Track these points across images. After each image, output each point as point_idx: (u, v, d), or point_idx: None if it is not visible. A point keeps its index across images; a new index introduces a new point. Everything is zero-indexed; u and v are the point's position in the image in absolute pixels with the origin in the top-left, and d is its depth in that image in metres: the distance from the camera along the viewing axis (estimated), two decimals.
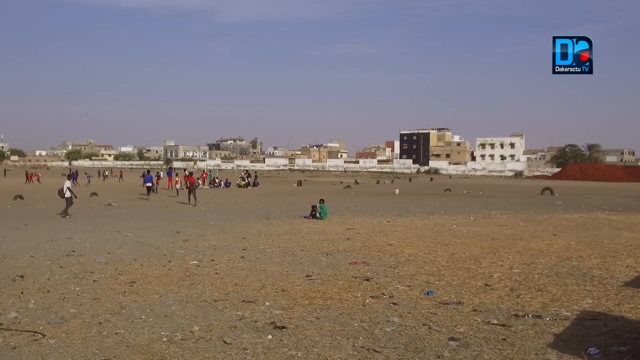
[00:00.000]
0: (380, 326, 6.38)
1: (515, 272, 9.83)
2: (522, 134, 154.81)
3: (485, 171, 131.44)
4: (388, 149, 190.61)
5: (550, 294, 8.07)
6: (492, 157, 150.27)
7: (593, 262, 10.98)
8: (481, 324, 6.48)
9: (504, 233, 16.01)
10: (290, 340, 5.85)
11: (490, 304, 7.46)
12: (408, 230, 16.45)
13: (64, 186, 21.06)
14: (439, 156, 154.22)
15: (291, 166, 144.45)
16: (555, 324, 6.51)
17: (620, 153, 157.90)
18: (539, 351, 5.52)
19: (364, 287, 8.52)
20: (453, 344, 5.74)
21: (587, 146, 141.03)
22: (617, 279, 9.21)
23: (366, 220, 19.94)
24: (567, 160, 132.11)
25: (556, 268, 10.24)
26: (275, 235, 15.09)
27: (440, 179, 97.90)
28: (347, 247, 12.82)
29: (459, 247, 12.94)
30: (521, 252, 12.24)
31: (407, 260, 11.01)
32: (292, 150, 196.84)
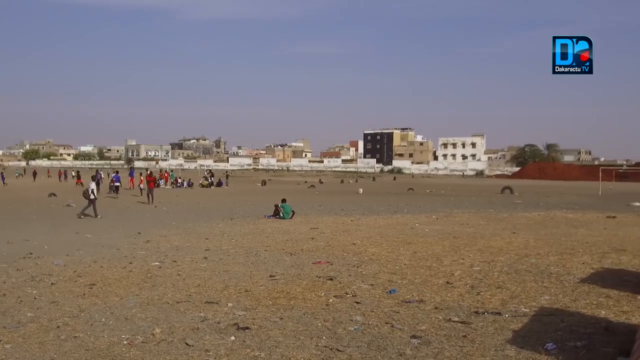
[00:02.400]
0: (343, 325, 6.41)
1: (476, 269, 10.01)
2: (483, 134, 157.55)
3: (447, 170, 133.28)
4: (352, 148, 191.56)
5: (509, 291, 8.24)
6: (454, 156, 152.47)
7: (551, 259, 11.25)
8: (442, 322, 6.57)
9: (465, 231, 16.27)
10: (254, 341, 5.83)
11: (452, 302, 7.58)
12: (371, 230, 16.57)
13: (89, 187, 21.02)
14: (402, 156, 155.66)
15: (255, 166, 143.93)
16: (514, 320, 6.65)
17: (578, 152, 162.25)
18: (498, 347, 5.63)
19: (328, 286, 8.55)
20: (415, 341, 5.81)
21: (546, 146, 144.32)
22: (574, 276, 9.45)
23: (330, 219, 20.01)
24: (527, 160, 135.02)
25: (515, 265, 10.46)
26: (239, 236, 15.00)
27: (404, 178, 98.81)
28: (311, 247, 12.84)
29: (421, 245, 13.10)
30: (482, 250, 12.46)
31: (370, 259, 11.09)
32: (256, 150, 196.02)
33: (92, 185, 21.24)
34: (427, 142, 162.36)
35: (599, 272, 9.84)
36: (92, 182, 21.69)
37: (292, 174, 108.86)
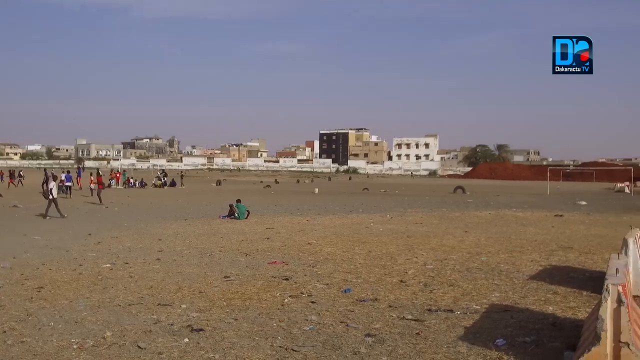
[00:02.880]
0: (298, 325, 6.42)
1: (429, 268, 10.17)
2: (436, 135, 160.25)
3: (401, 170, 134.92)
4: (308, 148, 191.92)
5: (461, 289, 8.41)
6: (407, 156, 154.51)
7: (501, 257, 11.54)
8: (396, 320, 6.65)
9: (419, 230, 16.51)
10: (208, 343, 5.77)
11: (405, 300, 7.68)
12: (327, 229, 16.64)
13: (49, 187, 20.45)
14: (358, 156, 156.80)
15: (210, 165, 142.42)
16: (465, 317, 6.79)
17: (527, 153, 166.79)
18: (450, 344, 5.74)
19: (283, 286, 8.54)
20: (369, 340, 5.87)
21: (497, 146, 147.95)
22: (523, 273, 9.72)
23: (286, 219, 19.99)
24: (478, 160, 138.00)
25: (467, 263, 10.68)
26: (193, 236, 14.82)
27: (359, 178, 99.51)
28: (266, 247, 12.80)
29: (376, 244, 13.23)
30: (435, 248, 12.67)
31: (325, 259, 11.13)
32: (211, 150, 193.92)
33: (51, 184, 20.71)
34: (381, 143, 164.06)
35: (547, 269, 10.15)
36: (52, 181, 21.13)
37: (248, 174, 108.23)
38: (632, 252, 8.03)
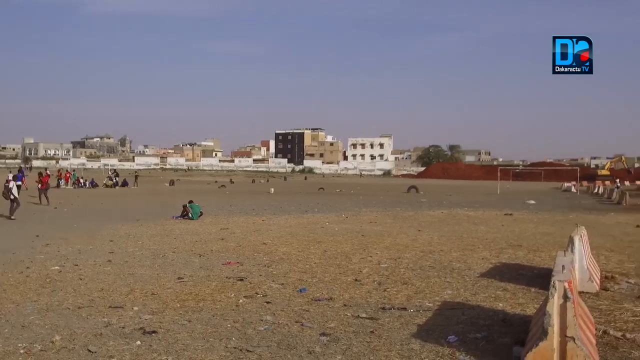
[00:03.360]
0: (253, 325, 6.39)
1: (383, 266, 10.28)
2: (391, 135, 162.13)
3: (356, 170, 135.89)
4: (264, 148, 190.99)
5: (414, 287, 8.53)
6: (362, 156, 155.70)
7: (453, 255, 11.76)
8: (351, 318, 6.70)
9: (373, 230, 16.67)
10: (161, 345, 5.68)
11: (360, 299, 7.74)
12: (282, 229, 16.61)
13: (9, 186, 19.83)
14: (313, 156, 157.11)
15: (163, 165, 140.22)
16: (418, 314, 6.89)
17: (478, 153, 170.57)
18: (403, 341, 5.81)
19: (238, 287, 8.48)
20: (324, 339, 5.89)
21: (449, 147, 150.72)
22: (474, 271, 9.93)
23: (241, 219, 19.86)
24: (431, 160, 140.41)
25: (420, 262, 10.85)
26: (145, 237, 14.55)
27: (314, 178, 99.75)
28: (221, 248, 12.68)
29: (331, 244, 13.28)
30: (389, 247, 12.81)
31: (281, 259, 11.11)
32: (164, 149, 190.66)
33: (11, 184, 20.00)
34: (337, 143, 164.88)
35: (497, 267, 10.40)
36: (12, 180, 20.40)
37: (202, 174, 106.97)
38: (578, 250, 8.31)
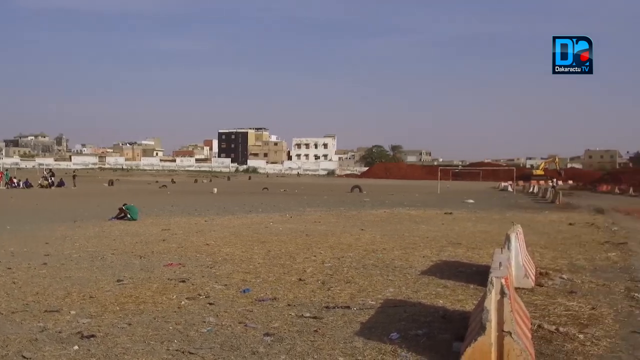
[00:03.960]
0: (196, 327, 6.29)
1: (327, 266, 10.33)
2: (334, 135, 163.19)
3: (300, 170, 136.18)
4: (206, 147, 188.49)
5: (357, 285, 8.62)
6: (307, 156, 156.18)
7: (395, 253, 11.94)
8: (295, 318, 6.70)
9: (317, 229, 16.74)
10: (99, 350, 5.52)
11: (304, 298, 7.75)
12: (226, 230, 16.45)
13: None
14: (257, 155, 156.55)
15: (102, 165, 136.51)
16: (362, 313, 6.96)
17: (419, 153, 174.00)
18: (347, 340, 5.86)
19: (180, 288, 8.34)
20: (268, 339, 5.87)
21: (391, 147, 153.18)
22: (415, 269, 10.12)
23: (183, 220, 19.54)
24: (374, 160, 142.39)
25: (363, 260, 10.96)
26: (83, 239, 14.10)
27: (259, 177, 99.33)
28: (162, 249, 12.43)
29: (275, 244, 13.25)
30: (332, 246, 12.89)
31: (224, 260, 10.99)
32: (103, 148, 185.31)
33: None
34: (281, 142, 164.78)
35: (437, 265, 10.63)
36: None
37: (143, 174, 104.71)
38: (514, 247, 8.60)
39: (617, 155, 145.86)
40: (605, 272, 10.13)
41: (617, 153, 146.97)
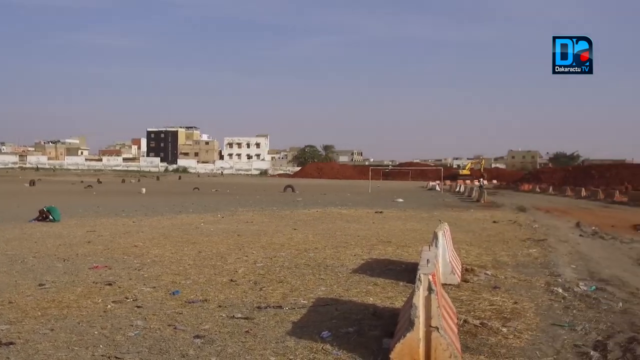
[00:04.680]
0: (122, 331, 6.11)
1: (259, 266, 10.28)
2: (267, 135, 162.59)
3: (233, 170, 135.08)
4: (134, 146, 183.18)
5: (289, 285, 8.63)
6: (239, 156, 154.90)
7: (327, 252, 12.03)
8: (226, 319, 6.63)
9: (250, 229, 16.63)
10: (19, 357, 5.26)
11: (235, 299, 7.68)
12: (155, 231, 16.06)
13: None
14: (188, 155, 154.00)
15: (22, 164, 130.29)
16: (294, 312, 6.97)
17: (351, 153, 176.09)
18: (279, 339, 5.85)
19: (106, 292, 8.07)
20: (198, 341, 5.78)
21: (324, 147, 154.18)
22: (347, 267, 10.24)
23: (110, 221, 18.93)
24: (307, 160, 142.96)
25: (295, 260, 10.98)
26: (2, 242, 13.40)
27: (189, 177, 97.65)
28: (87, 251, 12.00)
29: (206, 245, 13.06)
30: (265, 246, 12.85)
31: (153, 261, 10.74)
32: (24, 147, 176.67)
33: None
34: (212, 142, 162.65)
35: (368, 263, 10.79)
36: None
37: (67, 174, 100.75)
38: (441, 244, 8.85)
39: (538, 156, 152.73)
40: (527, 268, 10.59)
41: (538, 154, 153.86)
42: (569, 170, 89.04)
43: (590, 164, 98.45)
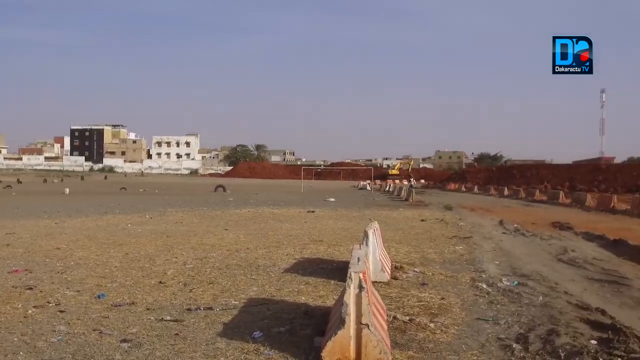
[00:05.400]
0: (44, 337, 5.85)
1: (189, 267, 10.11)
2: (197, 134, 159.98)
3: (162, 169, 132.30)
4: (57, 145, 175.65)
5: (220, 286, 8.53)
6: (168, 155, 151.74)
7: (259, 252, 11.98)
8: (154, 322, 6.47)
9: (179, 230, 16.32)
10: None
11: (164, 301, 7.52)
12: (79, 232, 15.49)
13: None
14: (114, 154, 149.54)
15: None
16: (224, 313, 6.89)
17: (283, 153, 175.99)
18: (209, 341, 5.77)
19: (26, 296, 7.71)
20: (125, 345, 5.61)
21: (255, 146, 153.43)
22: (279, 267, 10.22)
23: (30, 223, 18.10)
24: (238, 159, 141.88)
25: (226, 260, 10.87)
26: None
27: (116, 177, 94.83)
28: (6, 254, 11.42)
29: (134, 246, 12.72)
30: (195, 247, 12.64)
31: (77, 264, 10.34)
32: None
33: None
34: (140, 140, 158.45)
35: (300, 262, 10.82)
36: None
37: None
38: (372, 243, 8.99)
39: (464, 156, 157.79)
40: (453, 265, 10.93)
41: (464, 154, 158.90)
42: (492, 170, 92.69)
43: (512, 164, 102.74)
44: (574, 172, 70.77)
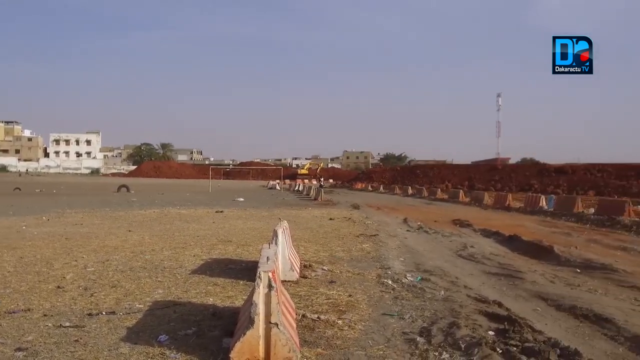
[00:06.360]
0: None
1: (90, 270, 9.67)
2: (99, 131, 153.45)
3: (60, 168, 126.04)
4: None
5: (124, 289, 8.22)
6: (67, 153, 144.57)
7: (165, 254, 11.66)
8: (52, 329, 6.14)
9: (79, 232, 15.58)
10: None
11: (63, 307, 7.14)
12: None
13: None
14: (8, 152, 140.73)
15: None
16: (128, 317, 6.65)
17: (191, 152, 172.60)
18: (112, 347, 5.55)
19: None
20: (20, 354, 5.28)
21: (161, 145, 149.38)
22: (186, 268, 10.00)
23: None
24: (143, 159, 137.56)
25: (130, 263, 10.49)
26: None
27: (9, 176, 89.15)
28: None
29: (29, 249, 11.99)
30: (96, 250, 12.11)
31: None
32: None
33: None
34: (36, 138, 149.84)
35: (208, 263, 10.64)
36: None
37: None
38: (281, 242, 9.00)
39: (370, 157, 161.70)
40: (360, 262, 11.16)
41: (370, 154, 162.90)
42: (397, 169, 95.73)
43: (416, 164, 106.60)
44: (473, 171, 74.55)
